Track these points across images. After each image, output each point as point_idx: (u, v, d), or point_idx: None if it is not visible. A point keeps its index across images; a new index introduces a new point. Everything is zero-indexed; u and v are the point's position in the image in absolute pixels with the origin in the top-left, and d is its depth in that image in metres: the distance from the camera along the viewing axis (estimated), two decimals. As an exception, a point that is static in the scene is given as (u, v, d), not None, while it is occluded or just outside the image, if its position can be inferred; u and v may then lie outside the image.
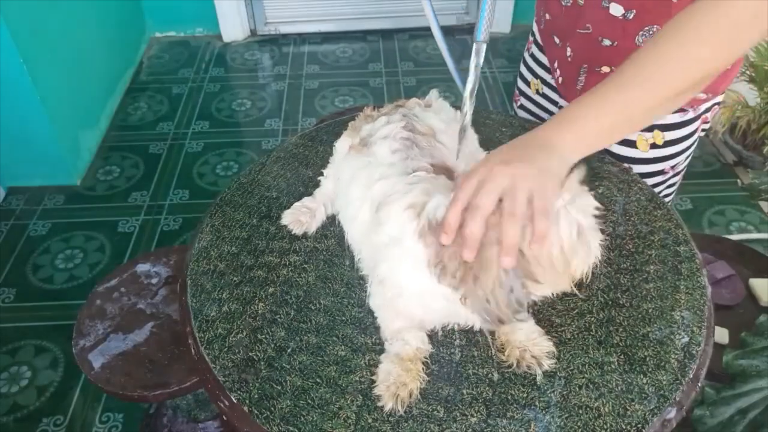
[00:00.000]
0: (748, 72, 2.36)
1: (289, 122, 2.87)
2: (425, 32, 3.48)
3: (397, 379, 0.78)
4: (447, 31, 3.37)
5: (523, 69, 1.33)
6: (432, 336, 0.85)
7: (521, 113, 1.38)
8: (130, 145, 2.75)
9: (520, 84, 1.35)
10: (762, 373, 1.00)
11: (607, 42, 1.03)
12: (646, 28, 0.98)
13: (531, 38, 1.30)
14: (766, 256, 1.46)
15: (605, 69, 1.07)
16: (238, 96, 3.05)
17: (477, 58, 0.89)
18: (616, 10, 0.98)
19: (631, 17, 0.98)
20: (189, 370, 1.25)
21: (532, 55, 1.29)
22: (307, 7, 3.50)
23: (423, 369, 0.80)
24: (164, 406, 1.64)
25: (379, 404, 0.77)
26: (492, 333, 0.84)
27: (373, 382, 0.80)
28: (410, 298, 0.81)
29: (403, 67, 3.25)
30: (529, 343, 0.81)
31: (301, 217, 1.03)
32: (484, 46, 0.90)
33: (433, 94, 1.14)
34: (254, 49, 3.42)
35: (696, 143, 1.18)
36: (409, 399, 0.77)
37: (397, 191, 0.83)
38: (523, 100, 1.36)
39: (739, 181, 2.50)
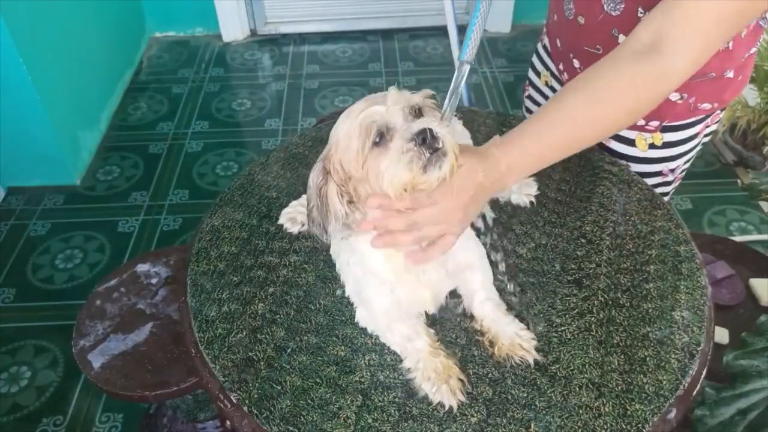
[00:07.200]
0: (748, 72, 2.36)
1: (289, 122, 2.86)
2: (425, 32, 3.48)
3: (438, 378, 0.79)
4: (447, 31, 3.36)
5: (535, 60, 1.34)
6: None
7: (528, 103, 1.39)
8: (130, 145, 2.75)
9: (531, 75, 1.36)
10: (762, 374, 0.99)
11: None
12: None
13: (545, 30, 1.29)
14: (766, 256, 1.45)
15: None
16: (238, 96, 3.05)
17: (458, 78, 0.88)
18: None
19: None
20: (189, 370, 1.25)
21: (545, 47, 1.28)
22: (307, 7, 3.49)
23: (444, 353, 0.82)
24: (164, 406, 1.64)
25: (446, 409, 0.77)
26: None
27: (376, 383, 0.80)
28: (384, 288, 0.83)
29: (403, 67, 3.25)
30: (517, 338, 0.83)
31: (297, 216, 1.03)
32: (467, 67, 0.89)
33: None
34: (254, 49, 3.42)
35: (698, 147, 1.17)
36: (461, 384, 0.79)
37: None
38: (531, 91, 1.37)
39: (739, 181, 2.50)
